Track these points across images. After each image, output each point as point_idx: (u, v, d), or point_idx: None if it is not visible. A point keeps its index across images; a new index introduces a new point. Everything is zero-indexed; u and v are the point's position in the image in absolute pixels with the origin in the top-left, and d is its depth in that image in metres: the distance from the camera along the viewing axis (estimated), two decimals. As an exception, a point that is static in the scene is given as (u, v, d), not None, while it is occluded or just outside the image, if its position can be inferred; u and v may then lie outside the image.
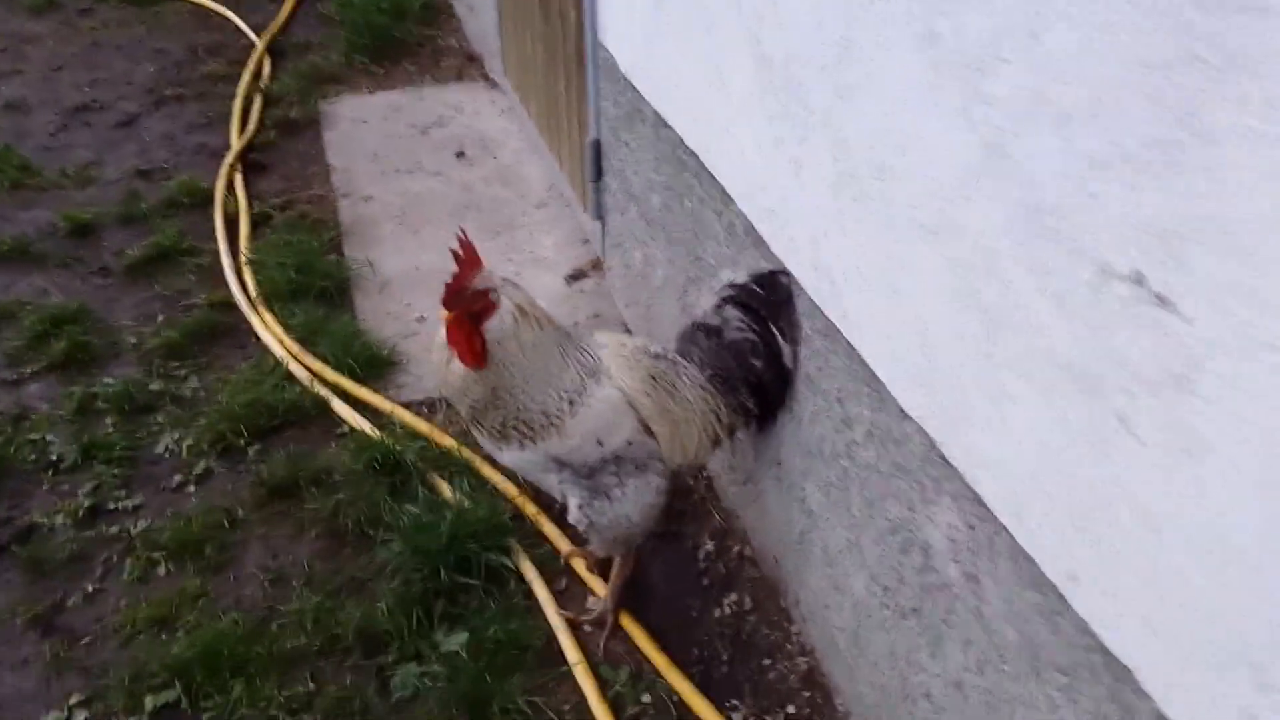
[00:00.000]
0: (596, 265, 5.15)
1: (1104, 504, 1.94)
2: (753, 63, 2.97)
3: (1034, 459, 2.11)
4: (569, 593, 3.68)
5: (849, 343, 2.75)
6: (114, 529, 3.93)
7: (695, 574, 3.74)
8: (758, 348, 3.14)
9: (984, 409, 2.24)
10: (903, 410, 2.56)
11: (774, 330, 3.11)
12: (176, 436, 4.32)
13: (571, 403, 2.99)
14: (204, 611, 3.59)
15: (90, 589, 3.71)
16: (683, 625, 3.57)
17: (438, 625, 3.48)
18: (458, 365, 2.96)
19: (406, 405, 4.41)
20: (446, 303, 2.86)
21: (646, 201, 4.18)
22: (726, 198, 3.35)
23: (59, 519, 3.97)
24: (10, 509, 4.03)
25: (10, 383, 4.68)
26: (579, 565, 3.71)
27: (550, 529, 3.83)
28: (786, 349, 3.10)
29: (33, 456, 4.26)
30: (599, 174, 4.73)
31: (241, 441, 4.26)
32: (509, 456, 3.11)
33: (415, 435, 4.19)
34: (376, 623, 3.47)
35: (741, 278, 3.13)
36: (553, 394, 2.98)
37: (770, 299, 3.09)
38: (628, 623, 3.51)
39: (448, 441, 4.14)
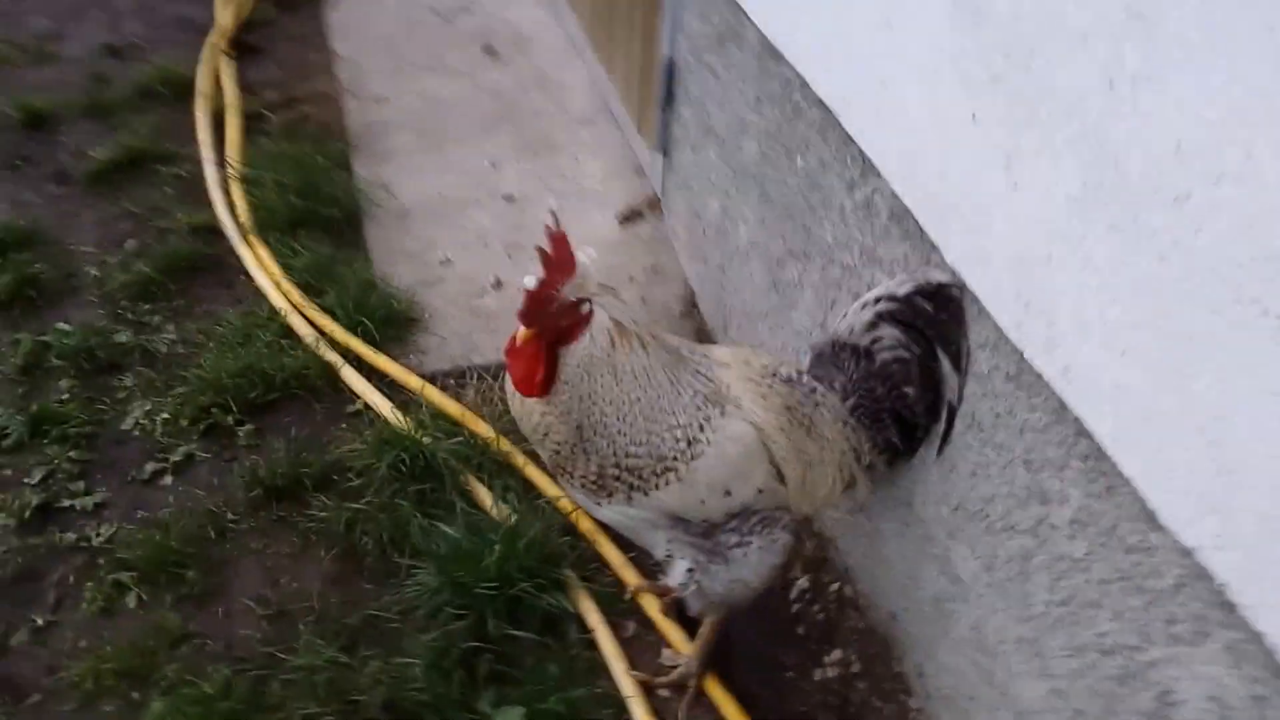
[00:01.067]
0: (654, 205, 4.36)
1: None
2: (949, 7, 2.18)
3: None
4: (637, 641, 2.99)
5: (1064, 402, 2.03)
6: (69, 536, 3.18)
7: (789, 619, 3.06)
8: (911, 371, 2.44)
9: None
10: (1156, 519, 1.85)
11: (939, 355, 2.38)
12: (148, 409, 3.55)
13: (691, 442, 2.29)
14: (186, 663, 2.86)
15: (40, 621, 2.98)
16: (778, 690, 2.89)
17: (483, 688, 2.79)
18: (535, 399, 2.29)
19: (431, 377, 3.65)
20: (527, 318, 2.16)
21: (734, 145, 3.41)
22: (869, 170, 2.60)
23: (-1, 518, 3.24)
24: (-64, 504, 3.30)
25: (-62, 323, 3.89)
26: (649, 604, 3.02)
27: (611, 552, 3.13)
28: (951, 380, 2.37)
29: (-36, 432, 3.50)
30: (670, 99, 3.92)
31: (230, 419, 3.50)
32: (610, 512, 2.41)
33: (447, 422, 3.43)
34: (408, 690, 2.76)
35: (904, 289, 2.38)
36: (665, 433, 2.28)
37: (939, 318, 2.35)
38: (714, 688, 2.84)
39: (484, 429, 3.40)
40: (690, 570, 2.49)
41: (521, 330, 2.18)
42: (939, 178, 2.31)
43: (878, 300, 2.43)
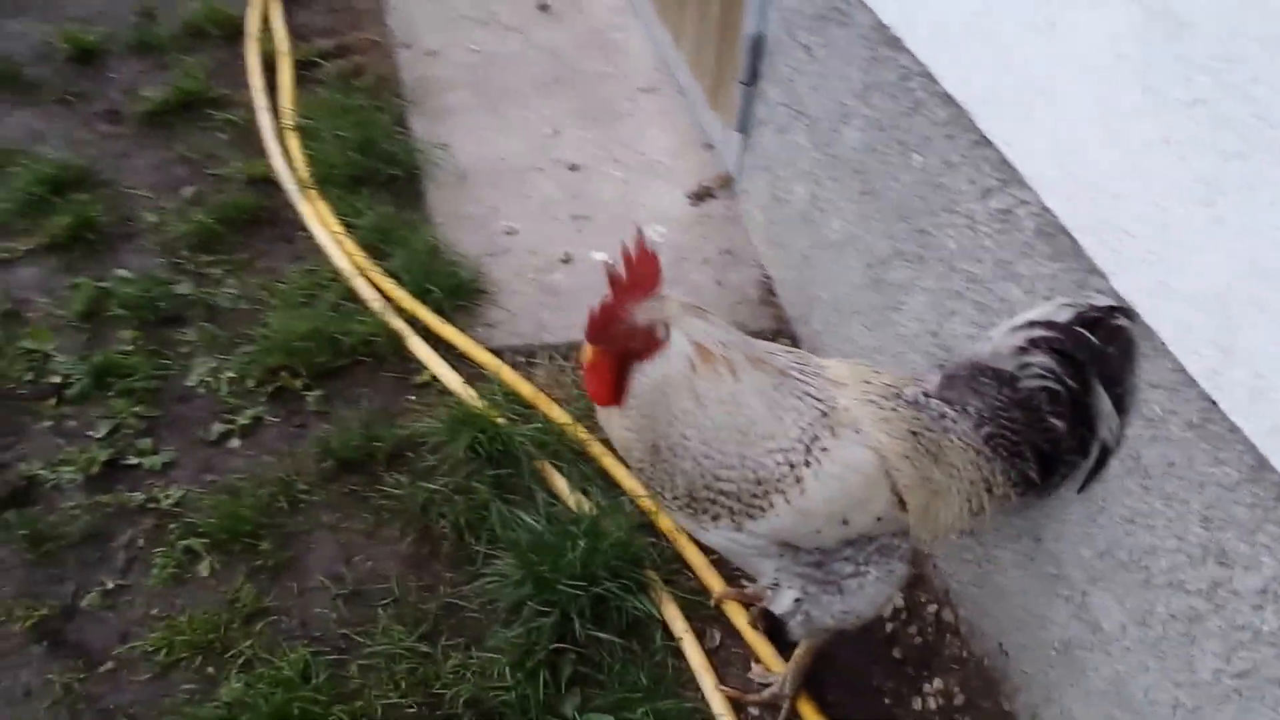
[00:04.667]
0: (725, 183, 4.23)
1: None
2: (1138, 15, 2.03)
3: None
4: (723, 651, 2.88)
5: (1266, 461, 1.89)
6: (138, 496, 3.05)
7: (884, 640, 2.96)
8: (1061, 404, 2.30)
9: None
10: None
11: (1098, 390, 2.26)
12: (213, 366, 3.42)
13: (795, 465, 2.15)
14: (263, 639, 2.75)
15: (109, 585, 2.86)
16: (875, 718, 2.79)
17: (566, 692, 2.68)
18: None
19: (499, 353, 3.52)
20: (592, 336, 2.11)
21: (831, 132, 3.28)
22: (1013, 179, 2.47)
23: (66, 473, 3.08)
24: (1, 450, 3.15)
25: (-1, 261, 3.73)
26: (735, 613, 2.92)
27: (693, 553, 3.02)
28: (1111, 420, 2.26)
29: (29, 375, 3.35)
30: (754, 77, 3.79)
31: (298, 383, 3.38)
32: (716, 536, 2.28)
33: (521, 403, 3.31)
34: (492, 688, 2.64)
35: (1064, 315, 2.26)
36: (765, 456, 2.15)
37: (1104, 350, 2.22)
38: (808, 710, 2.74)
39: (558, 414, 3.28)
40: (798, 600, 2.38)
41: (588, 348, 2.12)
42: (1113, 200, 2.17)
43: (1031, 325, 2.31)
